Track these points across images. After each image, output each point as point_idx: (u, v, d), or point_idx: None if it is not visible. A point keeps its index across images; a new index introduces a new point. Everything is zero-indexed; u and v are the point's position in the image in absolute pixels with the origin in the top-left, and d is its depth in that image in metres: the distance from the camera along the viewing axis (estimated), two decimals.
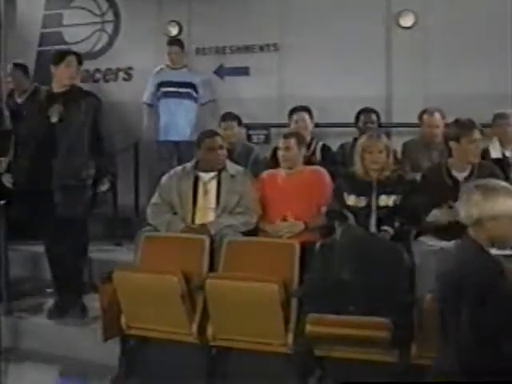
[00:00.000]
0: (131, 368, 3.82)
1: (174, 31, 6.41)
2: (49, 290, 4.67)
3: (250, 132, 6.00)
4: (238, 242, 3.87)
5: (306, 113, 5.10)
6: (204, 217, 4.12)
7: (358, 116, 5.17)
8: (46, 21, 6.95)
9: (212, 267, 3.79)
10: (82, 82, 6.05)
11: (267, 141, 5.96)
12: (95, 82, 6.70)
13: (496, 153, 4.68)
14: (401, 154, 4.89)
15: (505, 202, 2.38)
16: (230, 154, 4.57)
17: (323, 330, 3.25)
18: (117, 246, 5.44)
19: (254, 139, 5.98)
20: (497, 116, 4.81)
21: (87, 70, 6.55)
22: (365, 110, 5.18)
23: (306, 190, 4.08)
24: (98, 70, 6.74)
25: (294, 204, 4.04)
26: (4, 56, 4.66)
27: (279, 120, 5.66)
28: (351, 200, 3.82)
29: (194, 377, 3.62)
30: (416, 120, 5.01)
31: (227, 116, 5.30)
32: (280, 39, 6.08)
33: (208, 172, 4.22)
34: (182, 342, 3.65)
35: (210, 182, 4.20)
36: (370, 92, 5.62)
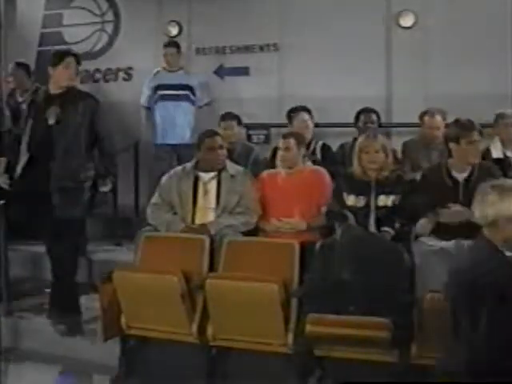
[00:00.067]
0: (131, 368, 3.82)
1: (174, 31, 6.41)
2: (48, 290, 4.65)
3: (250, 132, 5.99)
4: (238, 242, 3.87)
5: (306, 113, 5.10)
6: (204, 217, 4.12)
7: (357, 116, 5.17)
8: (45, 21, 6.95)
9: (212, 267, 3.79)
10: (82, 82, 6.09)
11: (267, 141, 5.97)
12: (95, 82, 6.71)
13: (497, 153, 4.67)
14: (401, 154, 4.89)
15: None
16: (230, 154, 4.57)
17: (323, 330, 3.24)
18: (117, 246, 5.44)
19: (254, 139, 5.98)
20: (499, 116, 4.80)
21: (87, 70, 6.57)
22: (365, 110, 5.18)
23: (306, 189, 4.08)
24: (98, 70, 6.74)
25: (294, 204, 4.04)
26: (4, 56, 4.65)
27: (279, 120, 5.66)
28: (350, 200, 3.82)
29: (194, 377, 3.62)
30: (416, 120, 5.00)
31: (227, 116, 5.29)
32: (280, 39, 6.09)
33: (208, 172, 4.21)
34: (182, 342, 3.65)
35: (210, 181, 4.20)
36: (370, 92, 5.62)
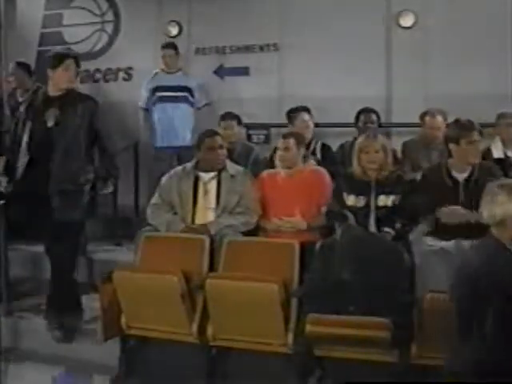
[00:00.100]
0: (131, 368, 3.82)
1: (174, 31, 6.41)
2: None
3: (250, 132, 5.99)
4: (238, 242, 3.87)
5: (306, 113, 5.10)
6: (204, 217, 4.12)
7: (357, 116, 5.18)
8: (46, 21, 6.94)
9: (212, 267, 3.79)
10: (82, 82, 6.09)
11: (267, 141, 5.96)
12: (95, 82, 6.70)
13: (498, 153, 4.68)
14: (401, 154, 4.89)
15: None
16: (230, 154, 4.57)
17: (323, 330, 3.24)
18: (117, 246, 5.43)
19: (254, 139, 5.97)
20: (500, 116, 4.81)
21: (87, 70, 6.56)
22: (365, 110, 5.18)
23: (306, 189, 4.08)
24: (98, 70, 6.73)
25: (294, 204, 4.04)
26: (4, 56, 4.64)
27: (279, 120, 5.66)
28: (350, 200, 3.82)
29: (194, 377, 3.62)
30: (416, 120, 5.01)
31: (227, 115, 5.28)
32: (280, 39, 6.08)
33: (208, 172, 4.22)
34: (182, 342, 3.65)
35: (210, 181, 4.20)
36: (370, 92, 5.62)
